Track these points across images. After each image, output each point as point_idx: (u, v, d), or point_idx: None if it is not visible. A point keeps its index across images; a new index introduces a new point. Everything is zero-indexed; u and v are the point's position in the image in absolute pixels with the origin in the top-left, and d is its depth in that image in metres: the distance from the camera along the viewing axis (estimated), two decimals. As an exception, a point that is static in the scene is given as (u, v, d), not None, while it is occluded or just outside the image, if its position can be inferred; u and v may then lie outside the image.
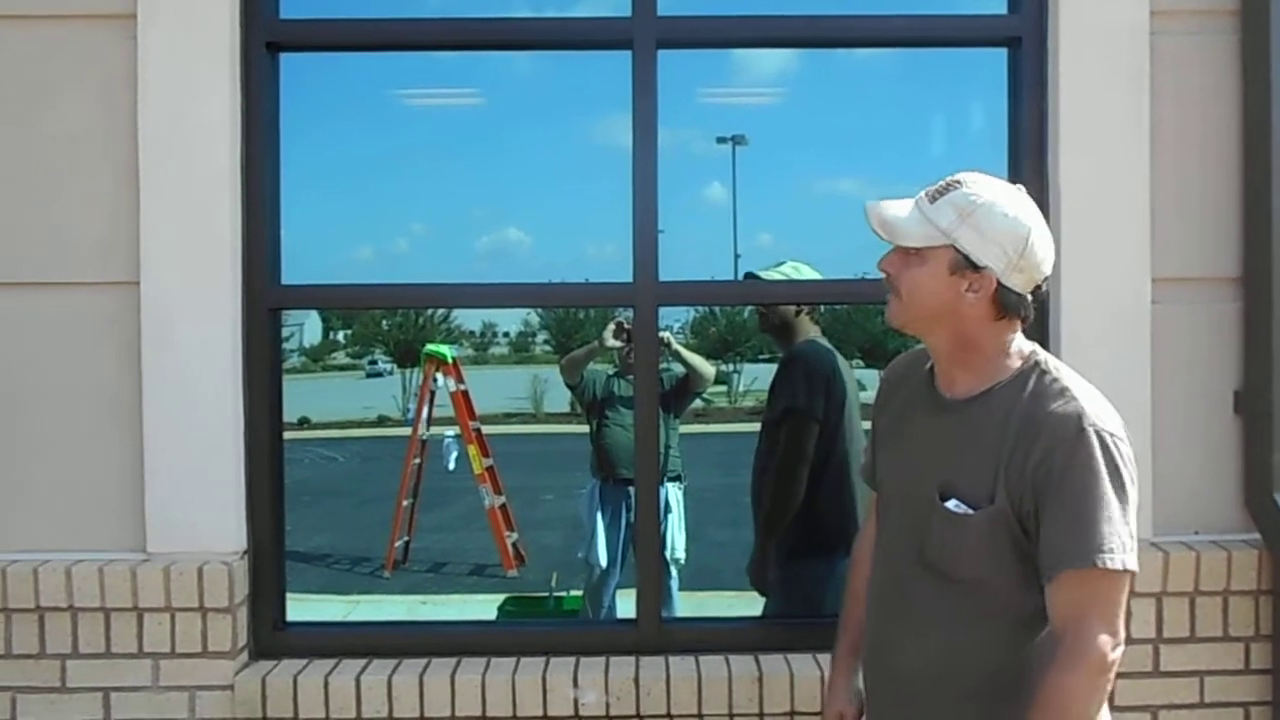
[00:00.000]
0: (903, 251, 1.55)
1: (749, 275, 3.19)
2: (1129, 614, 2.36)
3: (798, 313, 3.17)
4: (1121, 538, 1.43)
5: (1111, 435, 1.46)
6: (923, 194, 1.55)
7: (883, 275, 1.59)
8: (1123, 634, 1.45)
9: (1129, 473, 1.46)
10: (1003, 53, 2.57)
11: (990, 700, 1.53)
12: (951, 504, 1.53)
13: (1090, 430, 1.45)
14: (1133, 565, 1.43)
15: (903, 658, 1.61)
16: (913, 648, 1.59)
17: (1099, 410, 1.49)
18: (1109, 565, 1.41)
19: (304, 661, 2.45)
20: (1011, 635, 1.53)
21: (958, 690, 1.55)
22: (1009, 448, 1.49)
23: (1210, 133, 2.45)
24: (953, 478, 1.54)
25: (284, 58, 2.56)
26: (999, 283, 1.50)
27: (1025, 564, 1.50)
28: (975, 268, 1.50)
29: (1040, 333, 2.42)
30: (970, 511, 1.51)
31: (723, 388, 27.88)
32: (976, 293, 1.51)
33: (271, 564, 2.52)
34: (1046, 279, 1.56)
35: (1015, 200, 1.53)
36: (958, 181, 1.54)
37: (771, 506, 3.04)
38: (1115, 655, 1.43)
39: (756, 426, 3.16)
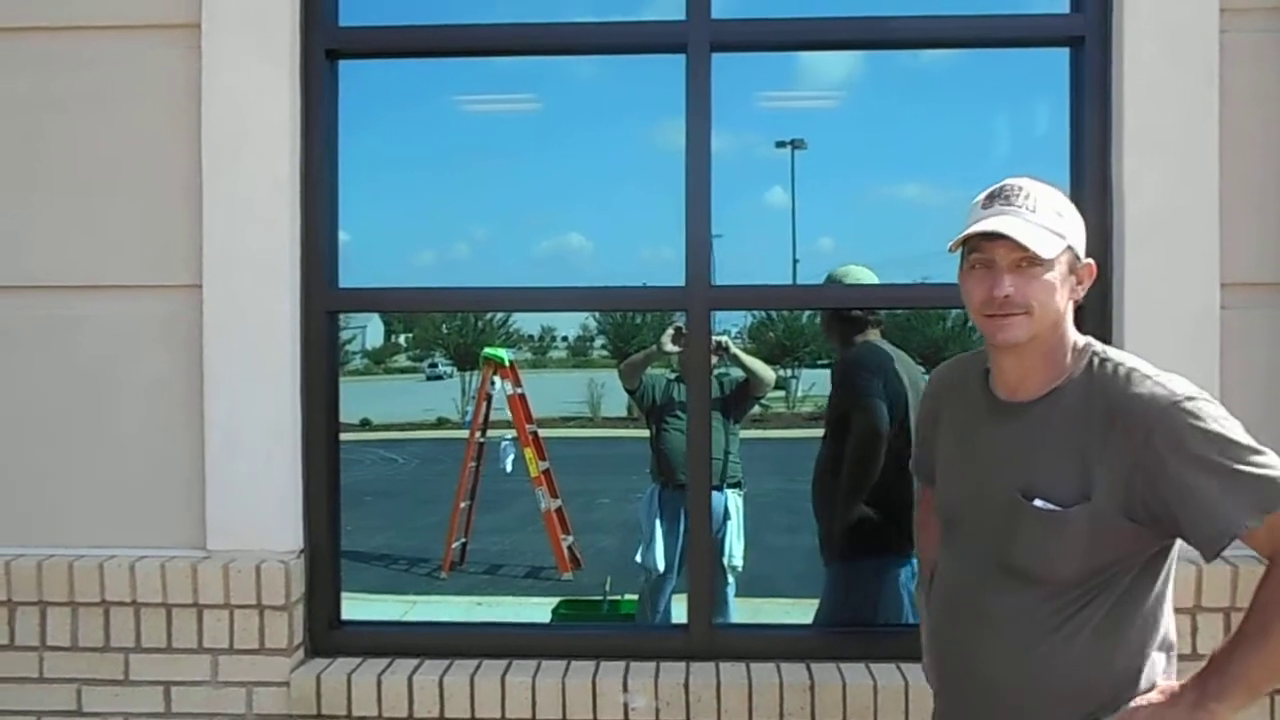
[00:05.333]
0: (1017, 268, 1.50)
1: (830, 278, 3.18)
2: (1195, 629, 2.30)
3: (858, 318, 3.13)
4: (1277, 466, 1.42)
5: (1196, 395, 1.46)
6: (996, 205, 1.52)
7: (1003, 299, 1.50)
8: None
9: (1228, 415, 1.45)
10: (1065, 53, 2.52)
11: (1078, 700, 1.51)
12: (1039, 503, 1.50)
13: (1181, 399, 1.44)
14: None
15: (984, 664, 1.58)
16: (995, 653, 1.56)
17: (1174, 380, 1.48)
18: None
19: (358, 660, 2.48)
20: (1097, 632, 1.50)
21: (1046, 692, 1.52)
22: (1098, 441, 1.47)
23: (1281, 133, 2.38)
24: (1034, 479, 1.52)
25: (344, 63, 2.61)
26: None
27: (1125, 555, 1.49)
28: (1080, 260, 1.54)
29: (1103, 339, 2.35)
30: (1059, 509, 1.49)
31: (781, 393, 27.74)
32: (1084, 284, 1.56)
33: (327, 563, 2.56)
34: None
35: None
36: (1018, 187, 1.53)
37: (849, 487, 3.00)
38: None
39: (815, 432, 3.15)
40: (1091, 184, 2.43)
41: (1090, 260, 1.56)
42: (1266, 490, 1.40)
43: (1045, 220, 1.49)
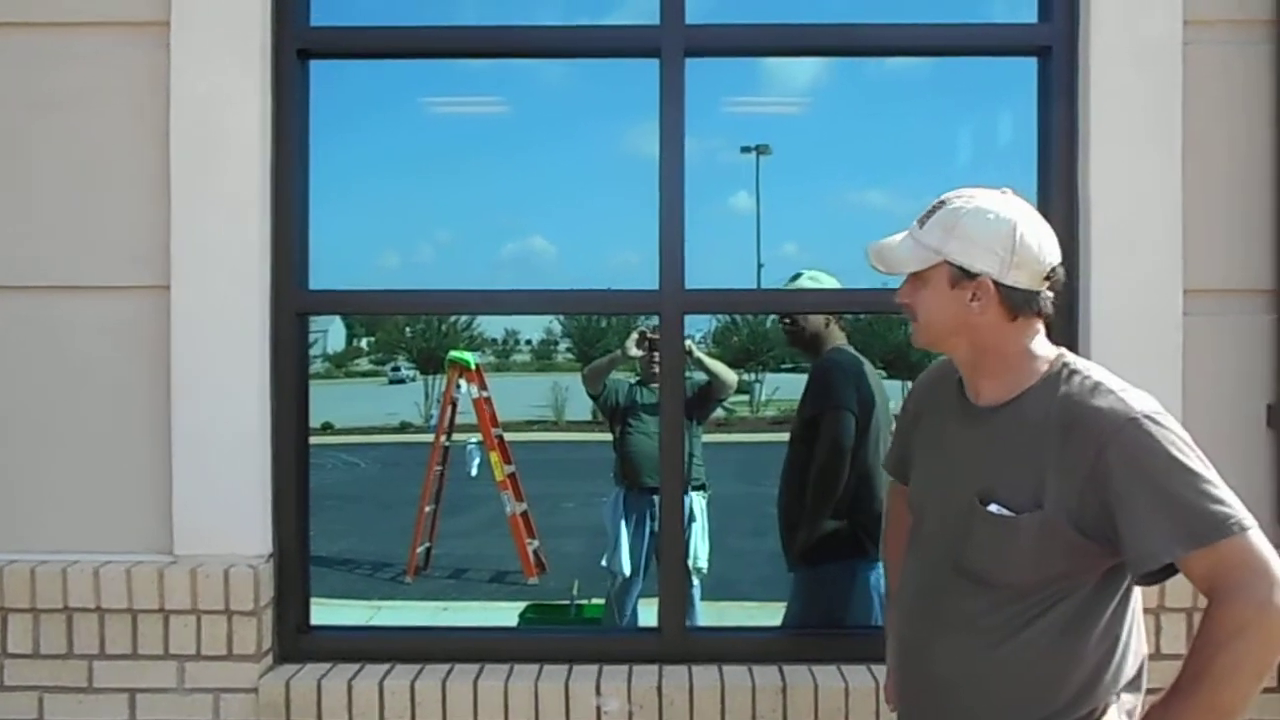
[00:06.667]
0: (911, 279, 1.60)
1: (797, 283, 3.20)
2: (1159, 629, 2.34)
3: (826, 323, 3.19)
4: (1226, 500, 1.38)
5: (1157, 415, 1.44)
6: (915, 222, 1.60)
7: (902, 306, 1.64)
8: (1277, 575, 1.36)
9: (1189, 441, 1.43)
10: (1033, 62, 2.56)
11: (1027, 707, 1.52)
12: (993, 508, 1.52)
13: (1139, 417, 1.43)
14: (1249, 521, 1.38)
15: (937, 665, 1.60)
16: (948, 655, 1.58)
17: (1137, 397, 1.47)
18: (1230, 534, 1.36)
19: (328, 665, 2.46)
20: (1050, 641, 1.51)
21: (995, 697, 1.54)
22: (1054, 451, 1.48)
23: (1243, 143, 2.43)
24: (992, 484, 1.53)
25: (313, 63, 2.58)
26: (998, 284, 1.51)
27: (1077, 567, 1.49)
28: (971, 276, 1.52)
29: (1069, 345, 2.39)
30: (1012, 515, 1.50)
31: (745, 397, 27.88)
32: (980, 300, 1.53)
33: (296, 568, 2.54)
34: (1055, 270, 1.54)
35: (997, 201, 1.55)
36: (943, 201, 1.58)
37: (813, 502, 3.05)
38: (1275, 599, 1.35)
39: (778, 436, 3.18)
40: (1058, 190, 2.47)
41: (981, 276, 1.51)
42: (1201, 522, 1.37)
43: (926, 235, 1.55)
